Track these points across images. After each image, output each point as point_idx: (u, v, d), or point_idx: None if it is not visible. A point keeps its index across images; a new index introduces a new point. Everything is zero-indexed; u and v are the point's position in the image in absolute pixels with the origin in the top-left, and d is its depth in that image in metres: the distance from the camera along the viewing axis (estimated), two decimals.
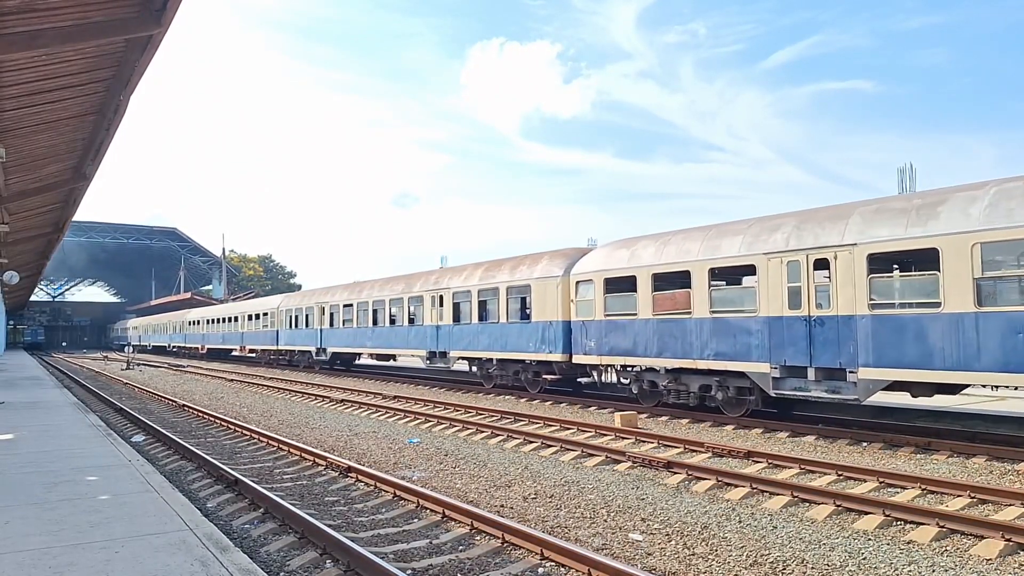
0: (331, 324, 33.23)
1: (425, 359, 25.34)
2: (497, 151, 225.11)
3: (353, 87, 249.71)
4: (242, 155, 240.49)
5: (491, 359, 21.99)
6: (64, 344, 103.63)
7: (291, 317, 37.87)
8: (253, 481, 9.36)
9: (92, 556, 5.55)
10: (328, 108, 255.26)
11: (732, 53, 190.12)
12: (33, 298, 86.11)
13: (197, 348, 56.59)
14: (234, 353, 50.74)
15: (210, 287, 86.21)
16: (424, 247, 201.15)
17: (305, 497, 9.14)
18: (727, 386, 14.69)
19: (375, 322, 29.20)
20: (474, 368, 23.42)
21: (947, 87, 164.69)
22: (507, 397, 21.37)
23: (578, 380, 20.74)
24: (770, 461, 10.64)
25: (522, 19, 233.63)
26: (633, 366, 16.83)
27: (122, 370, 41.15)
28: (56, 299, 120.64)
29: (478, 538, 7.17)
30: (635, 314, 16.41)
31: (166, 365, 46.26)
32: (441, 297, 24.49)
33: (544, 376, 19.93)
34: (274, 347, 40.08)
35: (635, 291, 16.41)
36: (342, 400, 20.64)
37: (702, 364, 14.90)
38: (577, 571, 6.09)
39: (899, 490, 9.00)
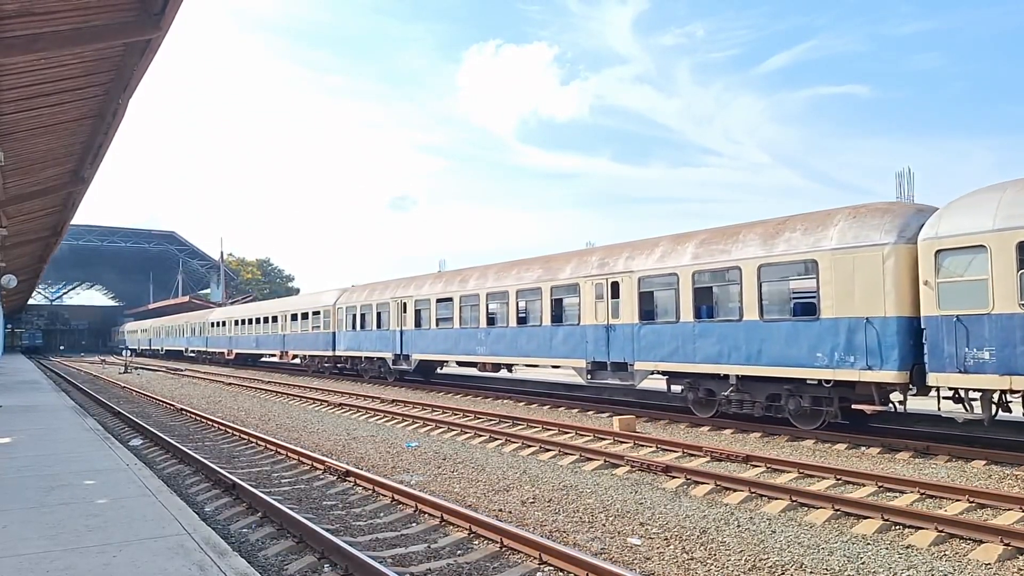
0: (416, 324, 26.22)
1: (585, 372, 17.99)
2: (494, 154, 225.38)
3: (349, 91, 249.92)
4: (240, 158, 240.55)
5: (725, 376, 14.52)
6: (62, 347, 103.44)
7: (354, 316, 30.82)
8: (251, 485, 9.35)
9: (90, 560, 5.54)
10: (325, 111, 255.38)
11: (728, 58, 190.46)
12: (31, 301, 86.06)
13: (222, 353, 49.41)
14: (267, 358, 44.57)
15: (208, 291, 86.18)
16: (422, 250, 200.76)
17: (303, 501, 9.12)
18: None
19: (491, 321, 22.17)
20: (678, 387, 16.16)
21: (943, 91, 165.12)
22: (505, 401, 21.25)
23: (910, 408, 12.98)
24: (769, 465, 10.64)
25: (518, 23, 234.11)
26: None
27: (120, 374, 41.10)
28: (54, 302, 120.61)
29: (476, 542, 7.16)
30: None
31: (164, 369, 46.18)
32: (615, 284, 17.16)
33: (851, 404, 12.78)
34: (329, 353, 33.04)
35: None
36: (340, 404, 20.62)
37: None
38: None
39: (898, 494, 9.00)
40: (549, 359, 19.64)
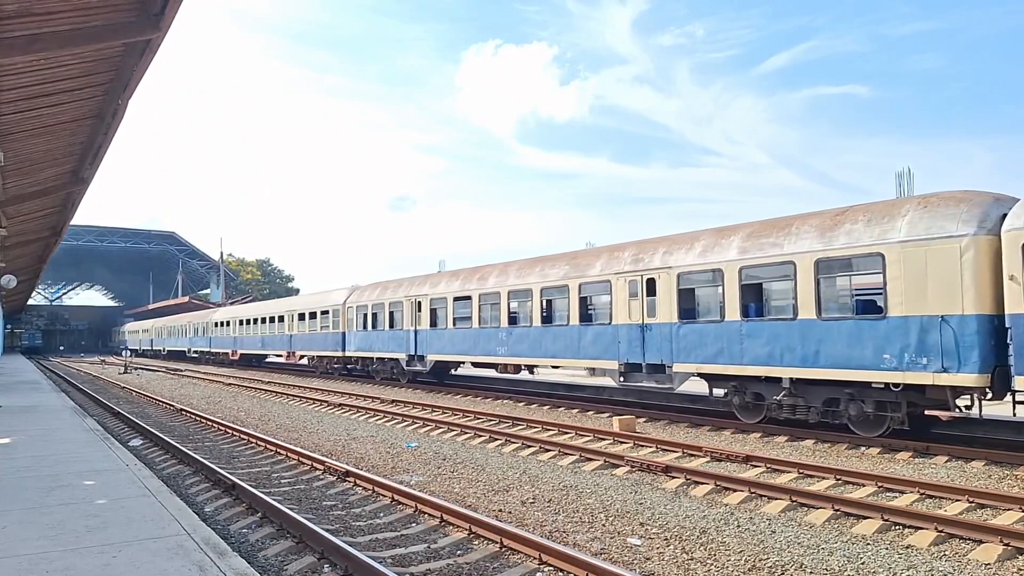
0: (432, 323, 25.18)
1: (617, 374, 17.00)
2: (494, 155, 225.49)
3: (349, 91, 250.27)
4: (240, 159, 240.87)
5: (777, 379, 13.54)
6: (62, 348, 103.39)
7: (365, 315, 29.84)
8: (251, 485, 9.35)
9: (89, 560, 5.53)
10: (325, 112, 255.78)
11: (728, 58, 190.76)
12: (31, 302, 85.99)
13: (227, 354, 48.38)
14: (272, 359, 43.63)
15: (208, 291, 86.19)
16: (422, 250, 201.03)
17: (303, 501, 9.12)
18: None
19: (513, 321, 21.14)
20: (721, 391, 15.18)
21: (942, 92, 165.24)
22: (505, 401, 21.20)
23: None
24: (769, 465, 10.64)
25: (518, 24, 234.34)
26: None
27: (119, 374, 41.09)
28: (54, 303, 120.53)
29: (476, 543, 7.16)
30: None
31: (163, 369, 46.18)
32: (651, 281, 16.15)
33: (922, 410, 12.23)
34: (339, 353, 32.10)
35: None
36: (340, 404, 20.61)
37: None
38: None
39: (898, 494, 9.00)
40: (577, 360, 18.65)
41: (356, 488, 9.73)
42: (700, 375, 15.25)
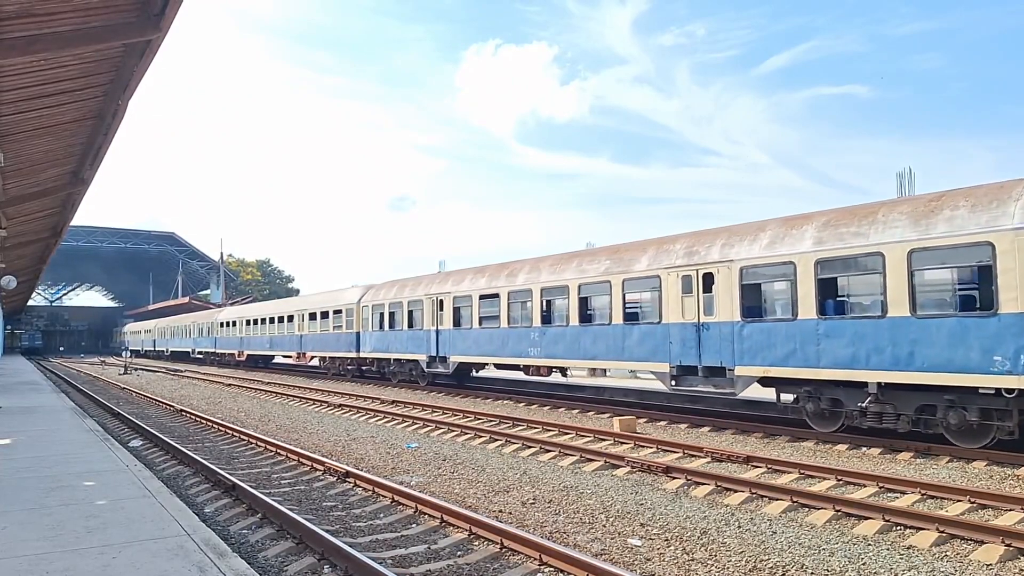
0: (455, 323, 23.86)
1: (668, 378, 15.65)
2: (494, 155, 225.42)
3: (349, 91, 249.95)
4: (240, 159, 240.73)
5: (861, 383, 12.16)
6: (62, 349, 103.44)
7: (381, 314, 28.58)
8: (251, 486, 9.34)
9: (89, 561, 5.53)
10: (325, 112, 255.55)
11: (728, 58, 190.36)
12: (31, 302, 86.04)
13: (233, 355, 46.91)
14: (280, 359, 42.81)
15: (208, 292, 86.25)
16: (422, 251, 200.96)
17: (303, 502, 9.11)
18: None
19: (546, 320, 19.81)
20: (790, 397, 13.80)
21: (943, 92, 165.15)
22: (505, 401, 21.18)
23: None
24: (769, 466, 10.63)
25: (518, 24, 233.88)
26: None
27: (119, 375, 41.10)
28: (54, 303, 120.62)
29: (476, 543, 7.15)
30: None
31: (163, 370, 46.18)
32: (707, 276, 14.79)
33: None
34: (353, 354, 30.77)
35: None
36: (340, 405, 20.61)
37: None
38: None
39: (899, 495, 9.00)
40: (621, 362, 17.33)
41: (356, 489, 9.72)
42: (767, 379, 13.84)
